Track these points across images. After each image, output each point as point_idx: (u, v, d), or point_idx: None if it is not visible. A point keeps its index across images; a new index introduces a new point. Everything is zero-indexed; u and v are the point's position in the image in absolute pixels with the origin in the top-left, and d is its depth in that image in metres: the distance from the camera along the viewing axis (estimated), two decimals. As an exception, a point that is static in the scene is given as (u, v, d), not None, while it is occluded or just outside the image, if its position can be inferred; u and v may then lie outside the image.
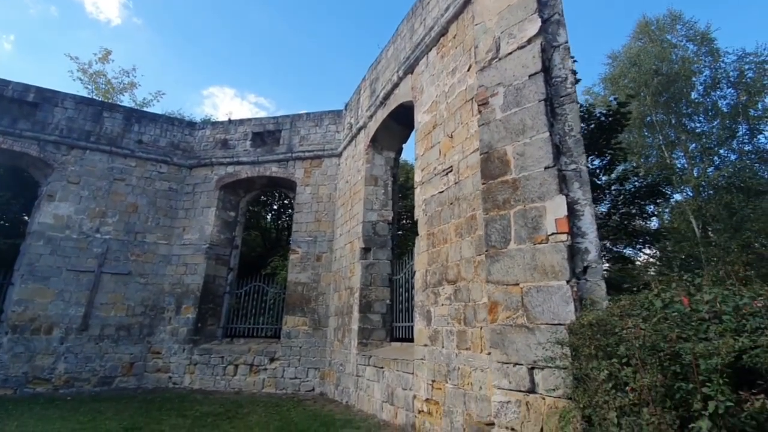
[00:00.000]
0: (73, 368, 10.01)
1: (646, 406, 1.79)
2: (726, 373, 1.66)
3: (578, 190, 3.21)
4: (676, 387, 1.78)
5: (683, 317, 1.96)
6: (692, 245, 13.74)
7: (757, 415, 1.59)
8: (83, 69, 18.14)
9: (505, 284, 3.32)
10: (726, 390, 1.65)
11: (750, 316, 1.79)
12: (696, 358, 1.70)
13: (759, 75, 14.59)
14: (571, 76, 3.54)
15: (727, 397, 1.64)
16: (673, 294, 2.13)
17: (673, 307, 2.07)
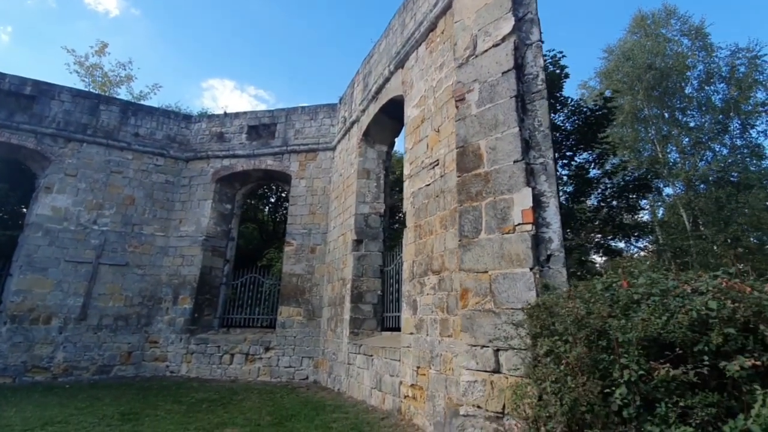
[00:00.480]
0: (72, 357, 10.24)
1: (576, 376, 1.98)
2: (643, 346, 1.84)
3: (544, 183, 3.38)
4: (600, 359, 1.96)
5: (613, 298, 2.14)
6: (683, 238, 13.93)
7: (665, 383, 1.77)
8: (80, 62, 18.20)
9: (475, 272, 3.50)
10: (641, 360, 1.83)
11: (678, 297, 1.97)
12: (616, 333, 1.88)
13: (751, 70, 14.67)
14: (542, 74, 3.69)
15: (640, 367, 1.82)
16: (614, 278, 2.31)
17: (612, 289, 2.25)
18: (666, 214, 15.37)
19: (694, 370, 1.75)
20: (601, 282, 2.35)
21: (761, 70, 15.17)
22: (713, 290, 1.90)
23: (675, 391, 1.78)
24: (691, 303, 1.86)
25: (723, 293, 1.89)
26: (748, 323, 1.78)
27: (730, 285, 1.92)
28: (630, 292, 2.12)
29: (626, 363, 1.87)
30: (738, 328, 1.78)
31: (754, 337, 1.76)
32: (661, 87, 14.90)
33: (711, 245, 12.07)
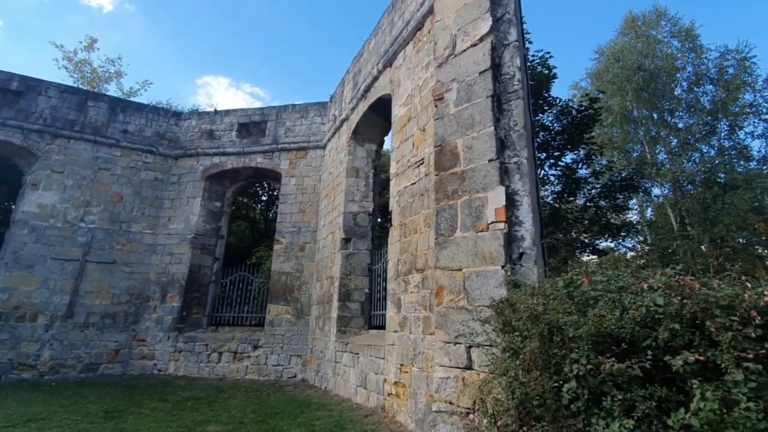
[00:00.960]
0: (59, 355, 10.17)
1: (531, 371, 2.01)
2: (597, 341, 1.88)
3: (518, 182, 3.41)
4: (553, 354, 2.00)
5: (573, 294, 2.17)
6: (670, 238, 14.08)
7: (612, 377, 1.81)
8: (69, 57, 18.01)
9: (450, 270, 3.53)
10: (591, 355, 1.86)
11: (634, 294, 2.00)
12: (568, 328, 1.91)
13: (740, 72, 14.84)
14: (518, 74, 3.71)
15: (589, 361, 1.85)
16: (576, 276, 2.35)
17: (572, 286, 2.29)
18: (654, 214, 15.52)
19: (638, 364, 1.79)
20: (562, 279, 2.38)
21: (750, 71, 15.36)
22: (662, 287, 1.94)
23: (622, 385, 1.81)
24: (642, 299, 1.90)
25: (672, 290, 1.92)
26: (695, 319, 1.82)
27: (680, 282, 1.96)
28: (589, 289, 2.16)
29: (576, 358, 1.90)
30: (685, 324, 1.82)
31: (700, 333, 1.80)
32: (650, 88, 15.04)
33: (698, 245, 12.21)
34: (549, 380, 1.95)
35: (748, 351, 1.67)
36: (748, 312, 1.75)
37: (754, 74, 15.01)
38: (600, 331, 1.89)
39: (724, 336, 1.69)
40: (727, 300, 1.78)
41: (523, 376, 2.00)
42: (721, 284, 1.95)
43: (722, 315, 1.74)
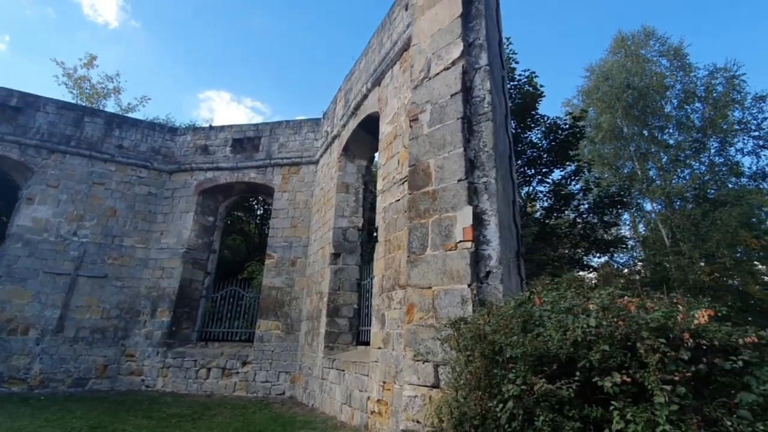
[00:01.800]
0: (49, 369, 10.12)
1: (475, 389, 2.05)
2: (541, 362, 1.92)
3: (486, 202, 3.49)
4: (494, 373, 2.03)
5: (524, 315, 2.21)
6: (663, 254, 14.10)
7: (545, 397, 1.84)
8: (68, 74, 18.35)
9: (421, 288, 3.57)
10: (528, 375, 1.90)
11: (574, 315, 2.04)
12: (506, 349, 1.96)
13: (728, 90, 15.09)
14: (488, 96, 3.83)
15: (524, 381, 1.89)
16: (526, 296, 2.39)
17: (524, 306, 2.33)
18: (646, 229, 15.58)
19: (566, 385, 1.83)
20: (514, 299, 2.43)
21: (739, 89, 15.61)
22: (597, 308, 1.99)
23: (554, 405, 1.84)
24: (579, 321, 1.94)
25: (610, 311, 1.97)
26: (628, 341, 1.86)
27: (617, 304, 2.01)
28: (536, 309, 2.20)
29: (513, 378, 1.94)
30: (617, 346, 1.86)
31: (632, 355, 1.84)
32: (640, 106, 15.27)
33: (689, 261, 12.23)
34: (490, 400, 1.98)
35: (675, 373, 1.71)
36: (681, 334, 1.80)
37: (742, 92, 15.26)
38: (539, 351, 1.94)
39: (652, 358, 1.73)
40: (657, 323, 1.83)
41: (462, 396, 2.03)
42: (654, 307, 2.00)
43: (651, 337, 1.79)
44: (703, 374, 1.76)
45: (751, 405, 1.64)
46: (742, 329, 1.88)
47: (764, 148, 14.14)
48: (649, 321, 1.83)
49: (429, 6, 4.53)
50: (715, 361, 1.76)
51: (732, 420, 1.62)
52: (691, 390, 1.72)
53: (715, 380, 1.77)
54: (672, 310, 1.93)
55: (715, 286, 12.45)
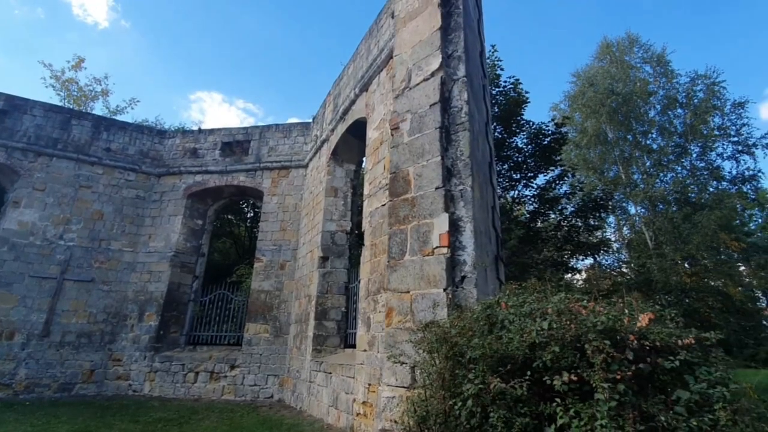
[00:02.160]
0: (34, 374, 10.03)
1: (440, 389, 2.16)
2: (494, 362, 2.04)
3: (462, 209, 3.62)
4: (456, 373, 2.15)
5: (480, 318, 2.34)
6: (646, 256, 14.42)
7: (501, 395, 1.96)
8: (56, 76, 18.19)
9: (399, 292, 3.69)
10: (487, 375, 2.02)
11: (539, 318, 2.17)
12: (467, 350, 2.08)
13: (708, 96, 15.50)
14: (465, 107, 3.96)
15: (482, 381, 2.01)
16: (494, 301, 2.52)
17: (490, 310, 2.46)
18: (630, 232, 15.91)
19: (519, 384, 1.95)
20: (482, 304, 2.56)
21: (719, 96, 16.04)
22: (552, 312, 2.12)
23: (510, 403, 1.97)
24: (535, 324, 2.07)
25: (563, 315, 2.10)
26: (578, 342, 1.99)
27: (570, 308, 2.14)
28: (504, 313, 2.33)
29: (472, 378, 2.06)
30: (568, 347, 1.99)
31: (581, 355, 1.97)
32: (623, 111, 15.62)
33: (671, 263, 12.53)
34: (452, 398, 2.09)
35: (617, 372, 1.85)
36: (627, 336, 1.93)
37: (722, 98, 15.68)
38: (499, 353, 2.06)
39: (597, 358, 1.86)
40: (603, 325, 1.97)
41: (424, 395, 2.14)
42: (602, 310, 2.13)
43: (597, 339, 1.92)
44: (646, 373, 1.89)
45: (686, 402, 1.78)
46: (686, 331, 2.02)
47: (743, 153, 14.55)
48: (596, 324, 1.97)
49: (411, 18, 4.67)
50: (658, 360, 1.90)
51: (667, 416, 1.75)
52: (634, 387, 1.85)
53: (657, 378, 1.91)
54: (618, 314, 2.07)
55: (696, 288, 12.78)
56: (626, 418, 1.72)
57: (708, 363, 1.91)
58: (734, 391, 1.76)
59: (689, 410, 1.76)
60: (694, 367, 1.89)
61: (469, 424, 2.00)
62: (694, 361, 1.91)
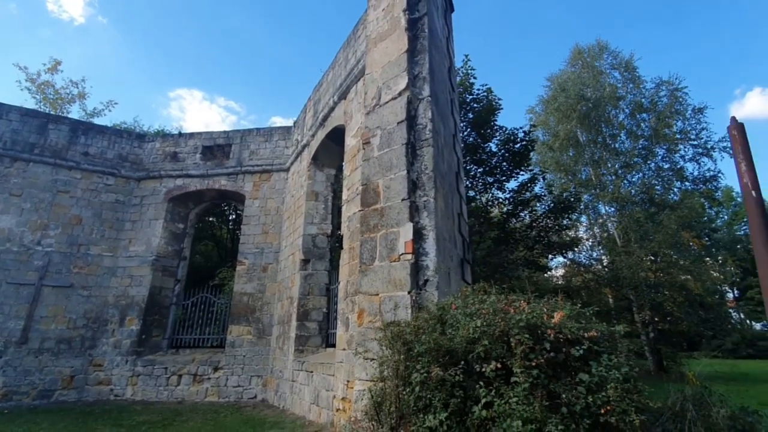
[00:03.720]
0: (12, 382, 9.98)
1: (394, 379, 2.51)
2: (438, 355, 2.41)
3: (426, 218, 3.98)
4: (408, 365, 2.51)
5: (430, 317, 2.71)
6: (615, 254, 15.16)
7: (442, 382, 2.33)
8: (32, 79, 17.82)
9: (370, 294, 4.02)
10: (432, 365, 2.38)
11: (469, 317, 2.55)
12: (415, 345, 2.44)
13: (672, 102, 16.36)
14: (430, 124, 4.33)
15: (426, 371, 2.38)
16: (448, 302, 2.88)
17: (442, 311, 2.82)
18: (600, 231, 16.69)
19: (455, 371, 2.32)
20: (436, 305, 2.92)
21: (681, 101, 16.94)
22: (485, 312, 2.49)
23: (449, 388, 2.33)
24: (472, 322, 2.44)
25: (496, 314, 2.48)
26: (505, 336, 2.36)
27: (501, 308, 2.52)
28: (453, 313, 2.69)
29: (419, 368, 2.42)
30: (499, 340, 2.36)
31: (508, 347, 2.35)
32: (593, 116, 16.35)
33: (637, 260, 13.23)
34: (404, 387, 2.44)
35: (534, 360, 2.22)
36: (546, 330, 2.32)
37: (684, 104, 16.58)
38: (444, 347, 2.42)
39: (518, 349, 2.24)
40: (524, 322, 2.35)
41: (384, 386, 2.49)
42: (526, 309, 2.52)
43: (520, 333, 2.29)
44: (560, 360, 2.28)
45: (587, 383, 2.17)
46: (591, 324, 2.43)
47: (703, 156, 15.46)
48: (519, 321, 2.34)
49: (381, 39, 5.00)
50: (570, 350, 2.29)
51: (569, 394, 2.13)
52: (549, 372, 2.24)
53: (570, 365, 2.29)
54: (540, 312, 2.45)
55: (661, 283, 13.55)
56: (536, 397, 2.09)
57: (613, 352, 2.31)
58: (626, 374, 2.16)
59: (589, 389, 2.14)
60: (602, 354, 2.29)
61: (416, 406, 2.35)
62: (601, 350, 2.31)
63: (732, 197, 33.79)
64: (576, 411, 2.07)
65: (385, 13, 5.05)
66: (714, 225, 34.25)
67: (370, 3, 5.44)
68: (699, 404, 4.51)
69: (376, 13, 5.25)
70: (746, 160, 2.06)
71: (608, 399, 2.06)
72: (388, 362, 2.68)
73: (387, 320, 3.60)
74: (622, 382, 2.10)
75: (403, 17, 4.75)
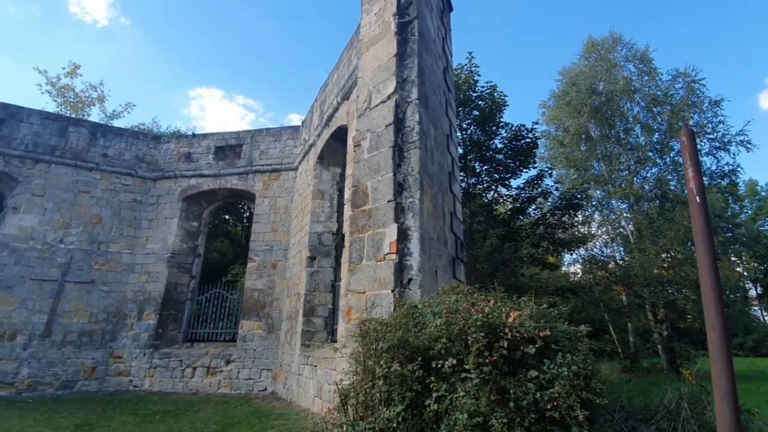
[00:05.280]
0: (36, 372, 10.55)
1: (361, 373, 2.65)
2: (400, 351, 2.54)
3: (411, 219, 4.09)
4: (374, 360, 2.65)
5: (400, 315, 2.83)
6: (628, 251, 14.90)
7: (402, 377, 2.45)
8: (52, 83, 18.60)
9: (357, 292, 4.18)
10: (394, 361, 2.51)
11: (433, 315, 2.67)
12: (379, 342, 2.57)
13: (688, 94, 15.89)
14: (417, 127, 4.42)
15: (387, 366, 2.51)
16: (419, 302, 3.00)
17: (413, 309, 2.94)
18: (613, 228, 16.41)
19: (413, 367, 2.44)
20: (408, 304, 3.04)
21: (698, 93, 16.43)
22: (446, 312, 2.60)
23: (408, 383, 2.46)
24: (433, 321, 2.56)
25: (458, 313, 2.58)
26: (464, 335, 2.46)
27: (464, 307, 2.62)
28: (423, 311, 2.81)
29: (382, 364, 2.55)
30: (459, 339, 2.47)
31: (466, 344, 2.45)
32: (605, 109, 16.03)
33: (649, 257, 13.01)
34: (370, 381, 2.58)
35: (488, 357, 2.33)
36: (503, 329, 2.41)
37: (701, 96, 16.08)
38: (410, 344, 2.55)
39: (474, 347, 2.35)
40: (481, 321, 2.45)
41: (351, 378, 2.64)
42: (488, 308, 2.62)
43: (476, 332, 2.40)
44: (518, 358, 2.38)
45: (537, 380, 2.26)
46: (556, 324, 2.51)
47: (719, 150, 14.99)
48: (476, 320, 2.44)
49: (372, 44, 5.11)
50: (527, 349, 2.38)
51: (517, 390, 2.24)
52: (505, 369, 2.34)
53: (526, 362, 2.39)
54: (497, 312, 2.55)
55: (674, 280, 13.29)
56: (485, 392, 2.20)
57: (572, 351, 2.39)
58: (576, 372, 2.24)
59: (541, 386, 2.24)
60: (559, 352, 2.37)
61: (379, 399, 2.49)
62: (559, 348, 2.40)
63: (756, 191, 32.55)
64: (523, 406, 2.18)
65: (377, 18, 5.16)
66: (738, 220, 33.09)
67: (363, 8, 5.56)
68: (694, 403, 4.53)
69: (368, 18, 5.37)
70: (694, 166, 2.12)
71: (557, 395, 2.16)
72: (357, 357, 2.83)
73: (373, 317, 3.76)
74: (572, 379, 2.19)
75: (393, 21, 4.85)
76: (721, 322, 1.83)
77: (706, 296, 1.91)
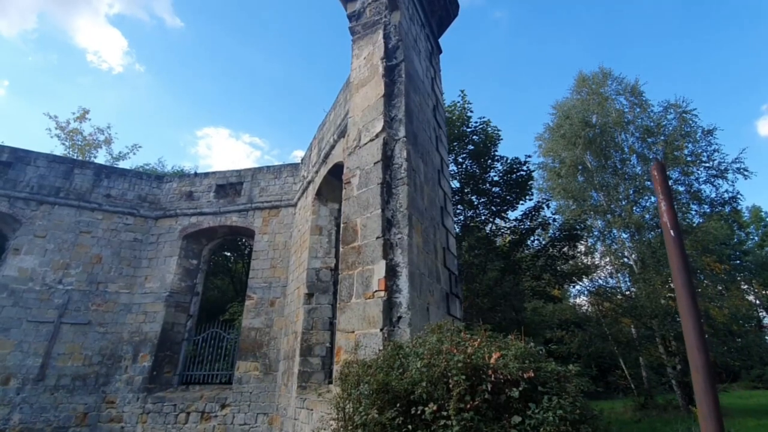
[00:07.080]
0: (28, 418, 10.22)
1: (342, 419, 2.53)
2: (381, 395, 2.43)
3: (400, 255, 4.07)
4: (353, 406, 2.54)
5: (387, 356, 2.75)
6: (633, 281, 14.63)
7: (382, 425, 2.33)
8: (61, 127, 19.29)
9: (346, 332, 4.08)
10: (373, 407, 2.41)
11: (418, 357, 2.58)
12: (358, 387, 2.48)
13: (680, 125, 16.17)
14: (405, 164, 4.50)
15: (365, 411, 2.40)
16: (405, 342, 2.92)
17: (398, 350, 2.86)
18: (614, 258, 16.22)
19: (391, 414, 2.34)
20: (392, 345, 2.96)
21: (691, 123, 16.72)
22: (427, 353, 2.52)
23: (389, 429, 2.34)
24: (414, 363, 2.48)
25: (440, 354, 2.50)
26: (445, 377, 2.37)
27: (447, 348, 2.54)
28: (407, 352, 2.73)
29: (361, 410, 2.44)
30: (437, 382, 2.38)
31: (447, 388, 2.36)
32: (599, 141, 16.29)
33: (653, 288, 12.76)
34: (351, 428, 2.47)
35: (469, 402, 2.23)
36: (486, 371, 2.33)
37: (694, 126, 16.35)
38: (390, 387, 2.46)
39: (455, 390, 2.25)
40: (462, 362, 2.36)
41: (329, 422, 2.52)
42: (471, 348, 2.54)
43: (457, 375, 2.31)
44: (503, 402, 2.27)
45: (520, 425, 2.15)
46: (544, 364, 2.42)
47: (717, 178, 15.04)
48: (458, 362, 2.36)
49: (361, 86, 5.31)
50: (511, 392, 2.28)
51: None
52: (489, 413, 2.23)
53: (511, 406, 2.28)
54: (480, 353, 2.47)
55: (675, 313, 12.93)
56: None
57: (560, 393, 2.29)
58: (562, 416, 2.13)
59: (524, 431, 2.13)
60: (546, 395, 2.27)
61: (359, 446, 2.38)
62: (546, 390, 2.30)
63: (761, 217, 32.32)
64: (507, 454, 2.06)
65: (366, 62, 5.39)
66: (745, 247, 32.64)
67: (353, 53, 5.83)
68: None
69: (358, 62, 5.61)
70: (666, 200, 2.11)
71: (542, 441, 2.05)
72: (338, 403, 2.73)
73: (362, 358, 3.65)
74: (558, 425, 2.09)
75: (381, 65, 5.06)
76: (704, 361, 1.77)
77: (687, 334, 1.85)
